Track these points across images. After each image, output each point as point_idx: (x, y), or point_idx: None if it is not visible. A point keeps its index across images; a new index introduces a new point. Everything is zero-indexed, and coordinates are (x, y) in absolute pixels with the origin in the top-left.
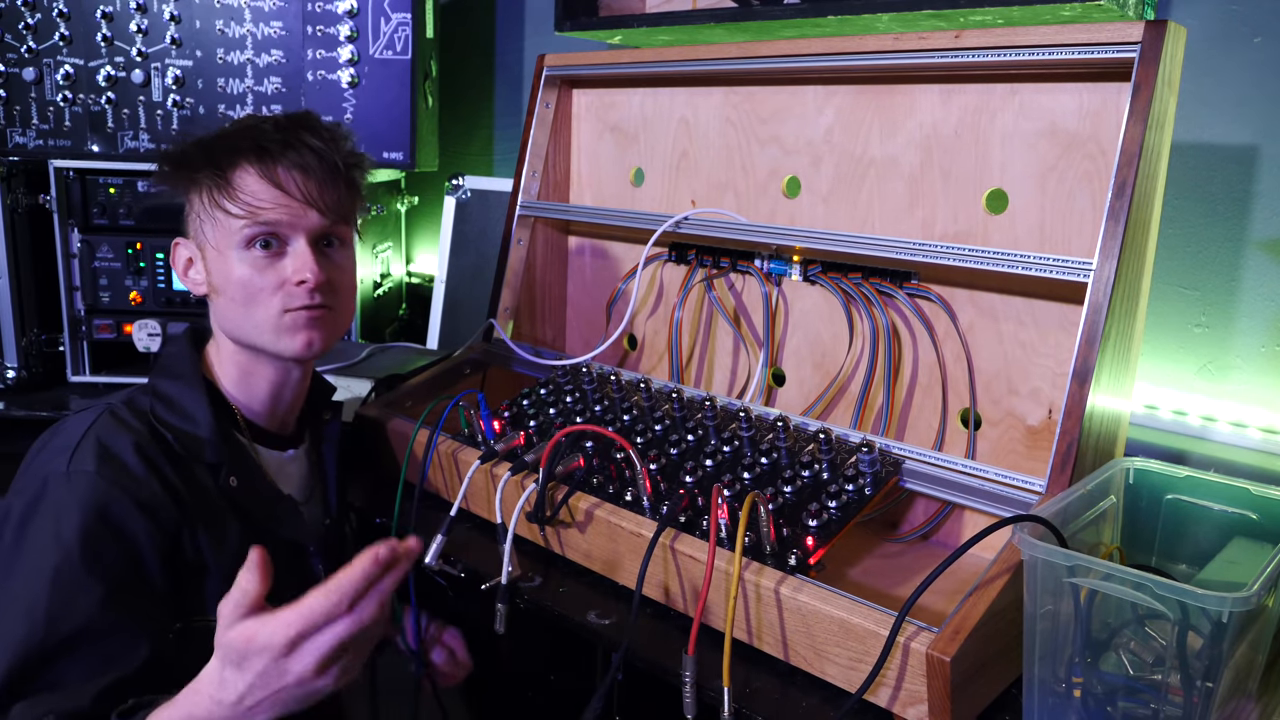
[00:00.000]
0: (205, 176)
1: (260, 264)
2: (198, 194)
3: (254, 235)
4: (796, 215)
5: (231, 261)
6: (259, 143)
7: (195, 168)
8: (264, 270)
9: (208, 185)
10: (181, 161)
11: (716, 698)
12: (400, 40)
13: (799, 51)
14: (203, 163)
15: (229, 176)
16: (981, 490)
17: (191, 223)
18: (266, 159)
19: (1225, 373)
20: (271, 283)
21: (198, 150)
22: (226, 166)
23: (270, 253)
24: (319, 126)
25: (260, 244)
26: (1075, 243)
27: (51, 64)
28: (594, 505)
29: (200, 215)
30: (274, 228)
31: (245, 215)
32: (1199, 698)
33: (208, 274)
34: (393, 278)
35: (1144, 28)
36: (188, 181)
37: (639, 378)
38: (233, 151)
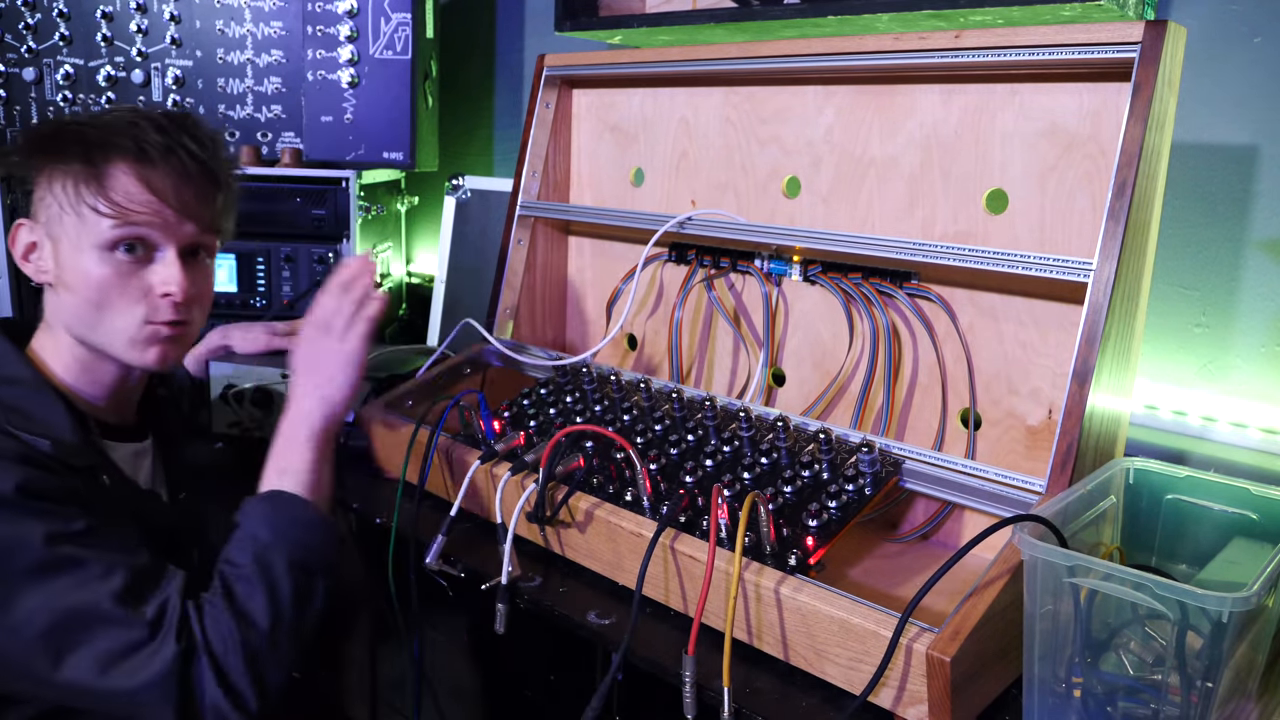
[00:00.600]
0: (75, 167)
1: (123, 268)
2: (60, 182)
3: (121, 238)
4: (796, 215)
5: (89, 260)
6: (139, 142)
7: (65, 155)
8: (126, 276)
9: (76, 176)
10: (50, 145)
11: (716, 698)
12: (400, 40)
13: (799, 51)
14: (76, 152)
15: (102, 171)
16: (981, 490)
17: (44, 208)
18: (145, 161)
19: (1225, 373)
20: (134, 290)
21: (70, 136)
22: (100, 161)
23: (134, 258)
24: (200, 132)
25: (125, 248)
26: (1075, 243)
27: (51, 64)
28: (594, 505)
29: (59, 204)
30: (144, 233)
31: (115, 216)
32: (1199, 698)
33: (56, 265)
34: (393, 278)
35: (1144, 28)
36: (50, 166)
37: (639, 378)
38: (109, 146)
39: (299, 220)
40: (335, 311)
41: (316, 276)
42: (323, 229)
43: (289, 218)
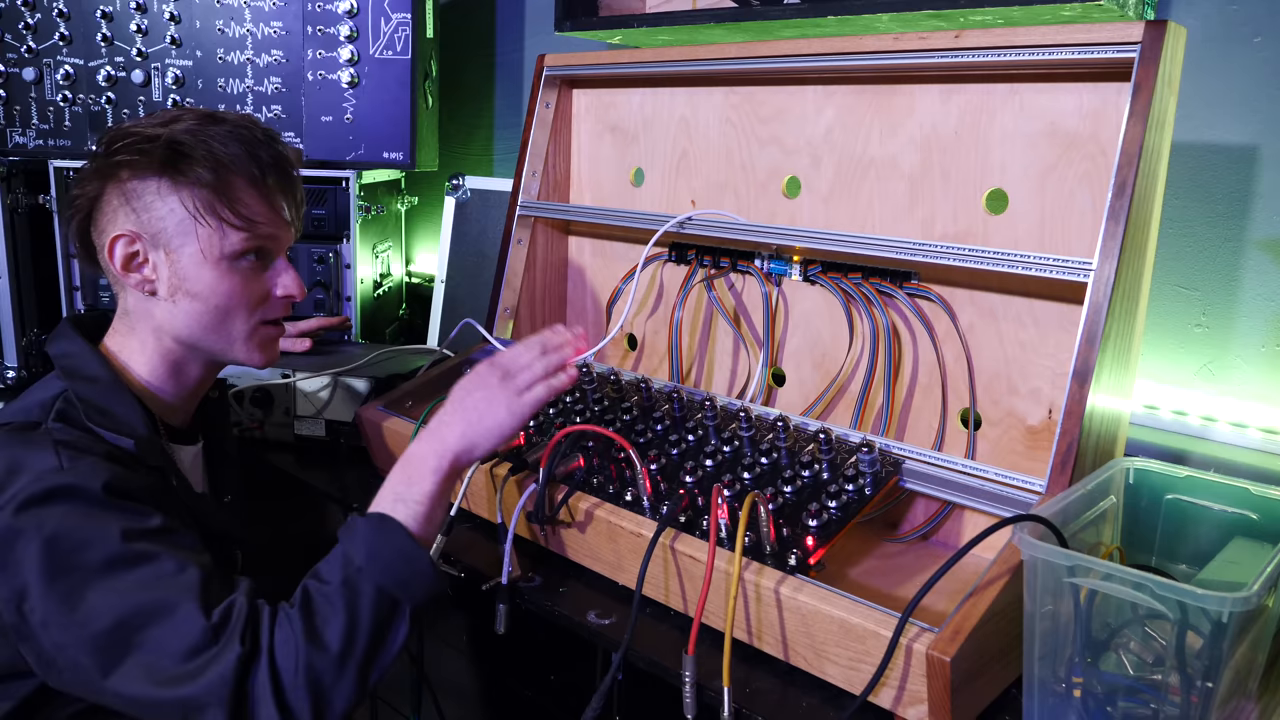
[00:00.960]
0: (202, 181)
1: (247, 276)
2: (179, 196)
3: (250, 248)
4: (796, 215)
5: (218, 270)
6: (256, 159)
7: (187, 171)
8: (250, 282)
9: (204, 190)
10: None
11: (716, 698)
12: (400, 40)
13: (799, 51)
14: (202, 168)
15: (228, 184)
16: (981, 490)
17: (153, 220)
18: (260, 174)
19: (1225, 373)
20: (257, 295)
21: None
22: (226, 175)
23: (256, 265)
24: (286, 146)
25: (252, 256)
26: (1075, 243)
27: (51, 64)
28: (594, 505)
29: (179, 217)
30: (268, 243)
31: (245, 228)
32: (1199, 698)
33: (174, 275)
34: (393, 278)
35: (1144, 28)
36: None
37: (639, 378)
38: (234, 163)
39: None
40: (526, 365)
41: (316, 276)
42: (323, 229)
43: None
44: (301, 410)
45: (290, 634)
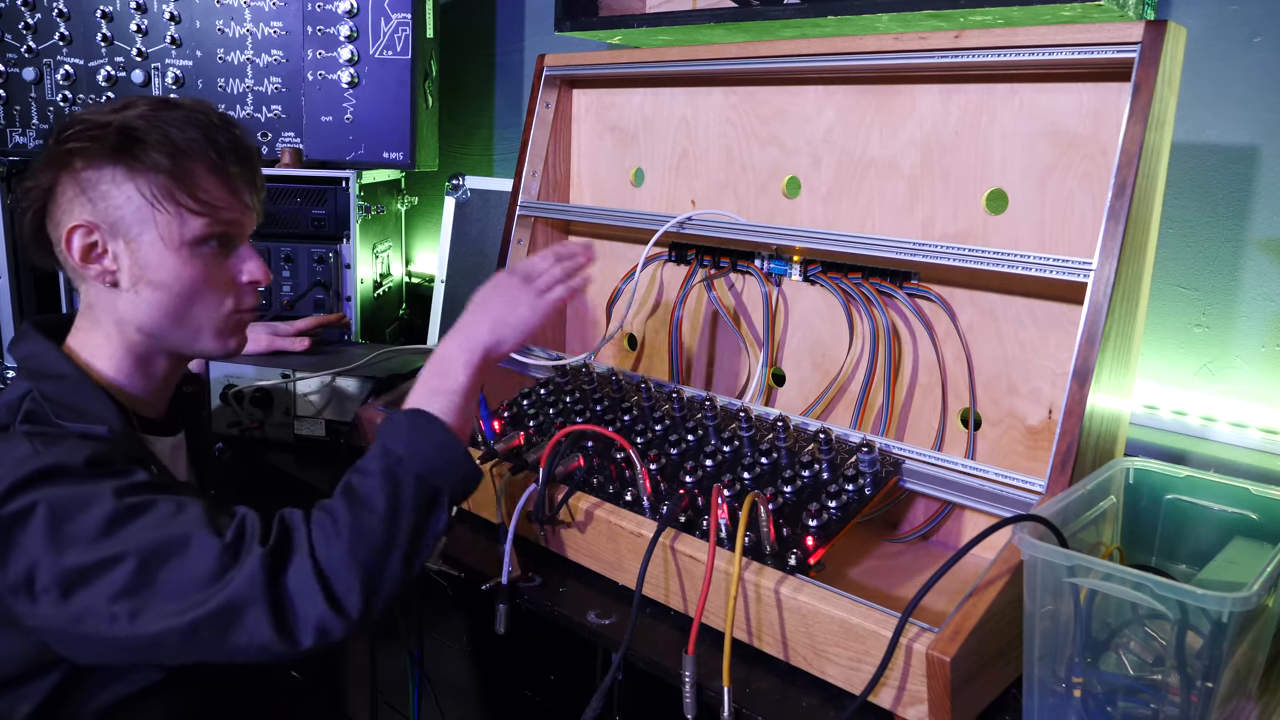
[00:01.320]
0: (158, 167)
1: (210, 263)
2: (136, 182)
3: (211, 234)
4: (796, 215)
5: (179, 257)
6: (211, 139)
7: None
8: (213, 269)
9: (161, 176)
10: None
11: (716, 698)
12: (400, 40)
13: (799, 51)
14: (157, 153)
15: (186, 169)
16: (981, 490)
17: (110, 209)
18: (220, 160)
19: (1225, 373)
20: (222, 281)
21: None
22: (184, 161)
23: (218, 252)
24: (244, 129)
25: (215, 242)
26: (1075, 243)
27: (51, 64)
28: (594, 505)
29: (136, 204)
30: (229, 228)
31: (205, 214)
32: (1199, 698)
33: (134, 265)
34: (393, 278)
35: (1144, 28)
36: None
37: (639, 378)
38: (191, 148)
39: (299, 220)
40: (544, 270)
41: (316, 276)
42: (323, 229)
43: (289, 217)
44: (301, 410)
45: (330, 526)
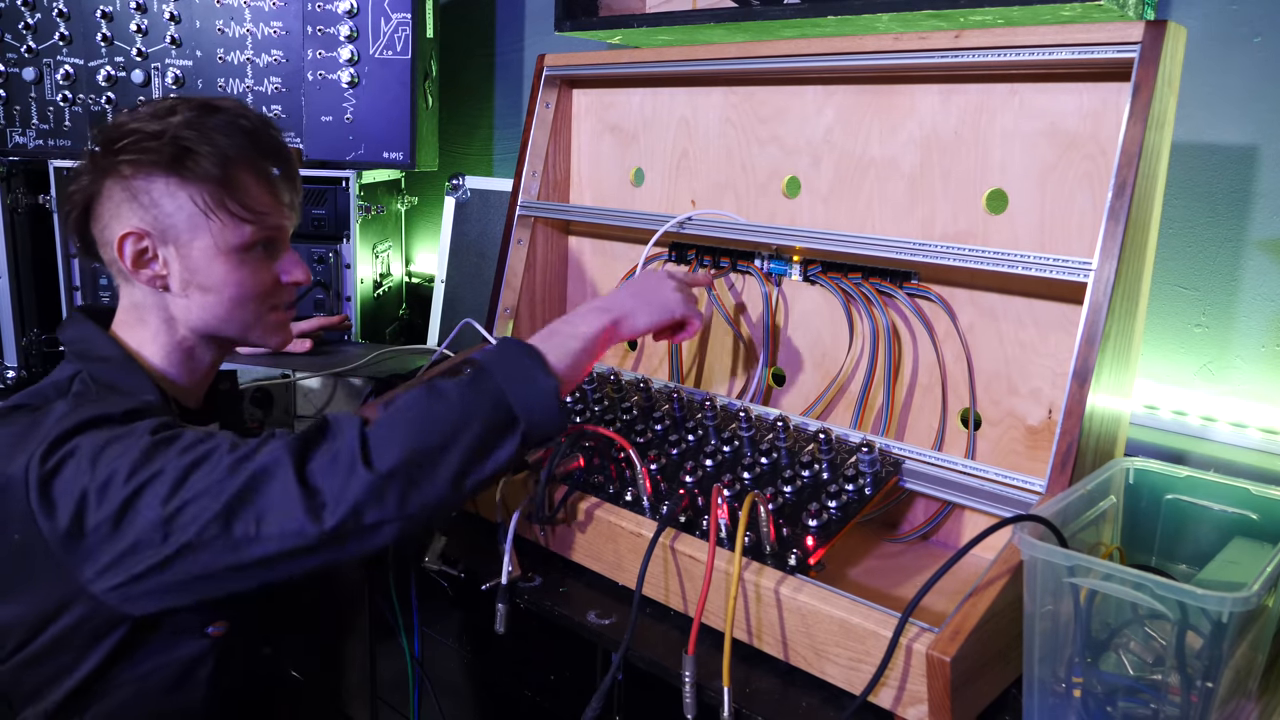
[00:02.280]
0: (212, 177)
1: (259, 266)
2: (186, 191)
3: (259, 240)
4: (796, 215)
5: (229, 262)
6: (260, 150)
7: (191, 166)
8: (260, 272)
9: (213, 185)
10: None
11: (716, 698)
12: (400, 40)
13: (799, 51)
14: (206, 163)
15: (233, 177)
16: (981, 490)
17: (161, 216)
18: (265, 164)
19: (1225, 373)
20: (267, 283)
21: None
22: (232, 169)
23: (264, 255)
24: (280, 133)
25: (261, 247)
26: (1075, 243)
27: (51, 64)
28: (594, 505)
29: (188, 212)
30: (275, 233)
31: (253, 220)
32: (1199, 698)
33: (185, 270)
34: (393, 278)
35: (1144, 28)
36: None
37: (639, 378)
38: (239, 156)
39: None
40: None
41: (316, 276)
42: (323, 229)
43: None
44: (301, 410)
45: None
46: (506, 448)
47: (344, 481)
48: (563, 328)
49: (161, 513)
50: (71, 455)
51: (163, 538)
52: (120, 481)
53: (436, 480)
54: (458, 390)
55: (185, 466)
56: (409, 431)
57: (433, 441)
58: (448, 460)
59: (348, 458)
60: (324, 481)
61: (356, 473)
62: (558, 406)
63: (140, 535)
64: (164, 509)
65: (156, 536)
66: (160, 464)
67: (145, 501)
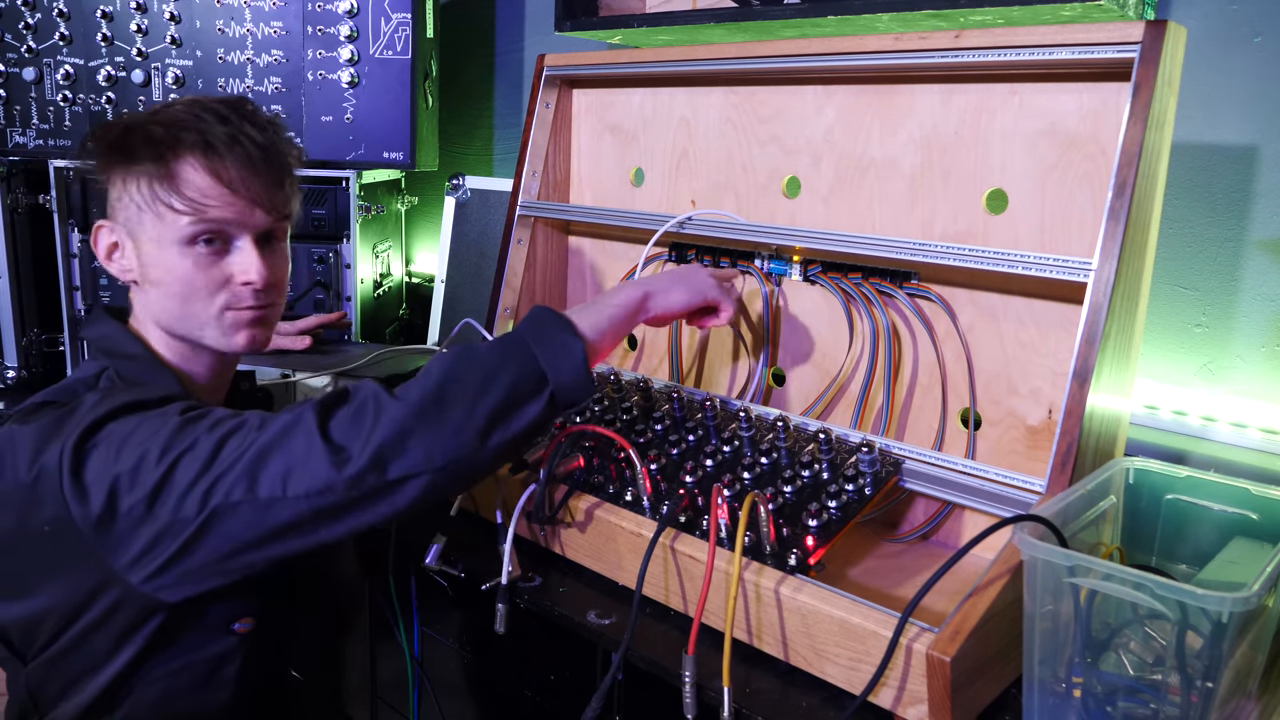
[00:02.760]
0: (147, 167)
1: (203, 261)
2: (134, 183)
3: (199, 233)
4: (796, 215)
5: (171, 256)
6: (205, 135)
7: (134, 156)
8: (207, 268)
9: (149, 176)
10: (120, 147)
11: (716, 698)
12: (400, 40)
13: (799, 51)
14: (145, 153)
15: (173, 169)
16: (981, 490)
17: (121, 209)
18: (213, 154)
19: (1225, 373)
20: (215, 280)
21: (138, 138)
22: (170, 158)
23: (213, 249)
24: (260, 119)
25: (204, 240)
26: (1075, 243)
27: (51, 64)
28: (594, 505)
29: (136, 204)
30: (220, 226)
31: (191, 212)
32: (1199, 698)
33: (139, 264)
34: (393, 278)
35: (1144, 28)
36: (123, 168)
37: (639, 378)
38: (176, 143)
39: (299, 220)
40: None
41: (316, 276)
42: (323, 229)
43: None
44: None
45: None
46: (535, 406)
47: (367, 430)
48: (600, 298)
49: (196, 487)
50: (104, 441)
51: (196, 510)
52: (152, 463)
53: (462, 431)
54: (487, 348)
55: (218, 440)
56: (435, 382)
57: (459, 391)
58: (474, 412)
59: (371, 409)
60: (346, 433)
61: (379, 419)
62: (586, 370)
63: (173, 514)
64: (198, 483)
65: (190, 511)
66: (192, 438)
67: (178, 478)
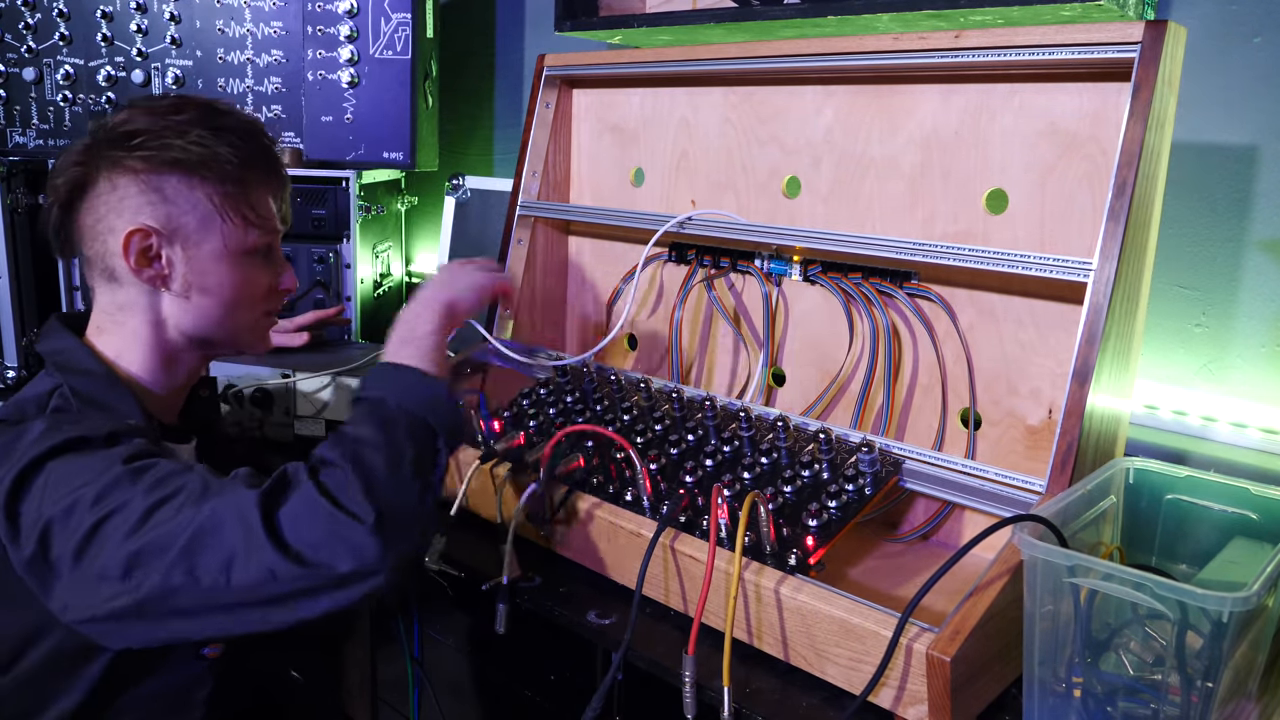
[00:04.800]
0: (230, 178)
1: (259, 271)
2: (204, 192)
3: (263, 245)
4: (796, 215)
5: (232, 265)
6: (268, 158)
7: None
8: (261, 276)
9: (230, 187)
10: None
11: (716, 698)
12: (400, 40)
13: (799, 51)
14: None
15: (246, 182)
16: (981, 490)
17: (172, 214)
18: (272, 173)
19: (1225, 373)
20: (264, 288)
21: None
22: (243, 173)
23: (263, 262)
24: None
25: (262, 253)
26: (1075, 243)
27: (51, 64)
28: (594, 505)
29: (198, 211)
30: (274, 240)
31: (261, 226)
32: (1199, 698)
33: (186, 270)
34: (393, 278)
35: (1144, 28)
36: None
37: (639, 378)
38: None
39: (298, 220)
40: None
41: (316, 276)
42: (322, 229)
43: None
44: (301, 410)
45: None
46: (441, 455)
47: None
48: (408, 335)
49: (123, 549)
50: (40, 479)
51: (124, 576)
52: (85, 509)
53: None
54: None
55: (152, 504)
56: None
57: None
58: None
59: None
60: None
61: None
62: (450, 399)
63: (103, 569)
64: (125, 546)
65: (118, 574)
66: (127, 495)
67: (107, 534)
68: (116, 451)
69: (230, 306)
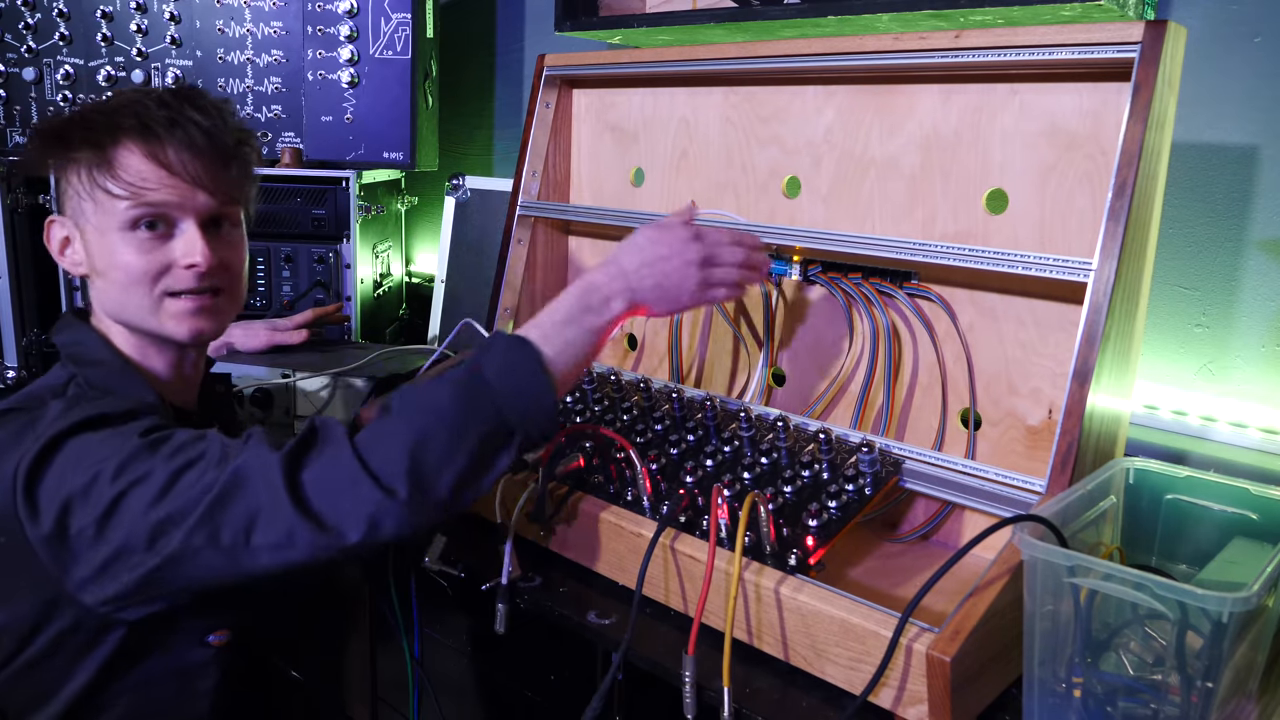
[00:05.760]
0: (85, 154)
1: (145, 246)
2: (75, 172)
3: (139, 217)
4: (796, 215)
5: (114, 243)
6: (143, 120)
7: (72, 145)
8: (149, 253)
9: (88, 164)
10: (57, 138)
11: (716, 698)
12: (400, 40)
13: (799, 51)
14: (81, 140)
15: (110, 155)
16: (981, 490)
17: (68, 201)
18: (151, 137)
19: (1225, 373)
20: (157, 264)
21: (75, 126)
22: (108, 144)
23: (156, 234)
24: (206, 102)
25: (145, 225)
26: (1075, 243)
27: (51, 64)
28: (594, 505)
29: (79, 194)
30: (160, 209)
31: (129, 196)
32: (1199, 698)
33: (87, 255)
34: (393, 278)
35: (1144, 28)
36: (64, 159)
37: (639, 378)
38: (114, 129)
39: (299, 220)
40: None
41: (316, 276)
42: (322, 229)
43: (289, 217)
44: (301, 410)
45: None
46: (503, 460)
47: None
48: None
49: (148, 519)
50: (59, 457)
51: (148, 545)
52: (106, 483)
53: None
54: (452, 401)
55: (174, 470)
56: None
57: (428, 457)
58: (443, 477)
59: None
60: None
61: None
62: (555, 414)
63: (125, 541)
64: (150, 515)
65: (141, 544)
66: (148, 466)
67: (130, 505)
68: (134, 426)
69: (122, 287)
